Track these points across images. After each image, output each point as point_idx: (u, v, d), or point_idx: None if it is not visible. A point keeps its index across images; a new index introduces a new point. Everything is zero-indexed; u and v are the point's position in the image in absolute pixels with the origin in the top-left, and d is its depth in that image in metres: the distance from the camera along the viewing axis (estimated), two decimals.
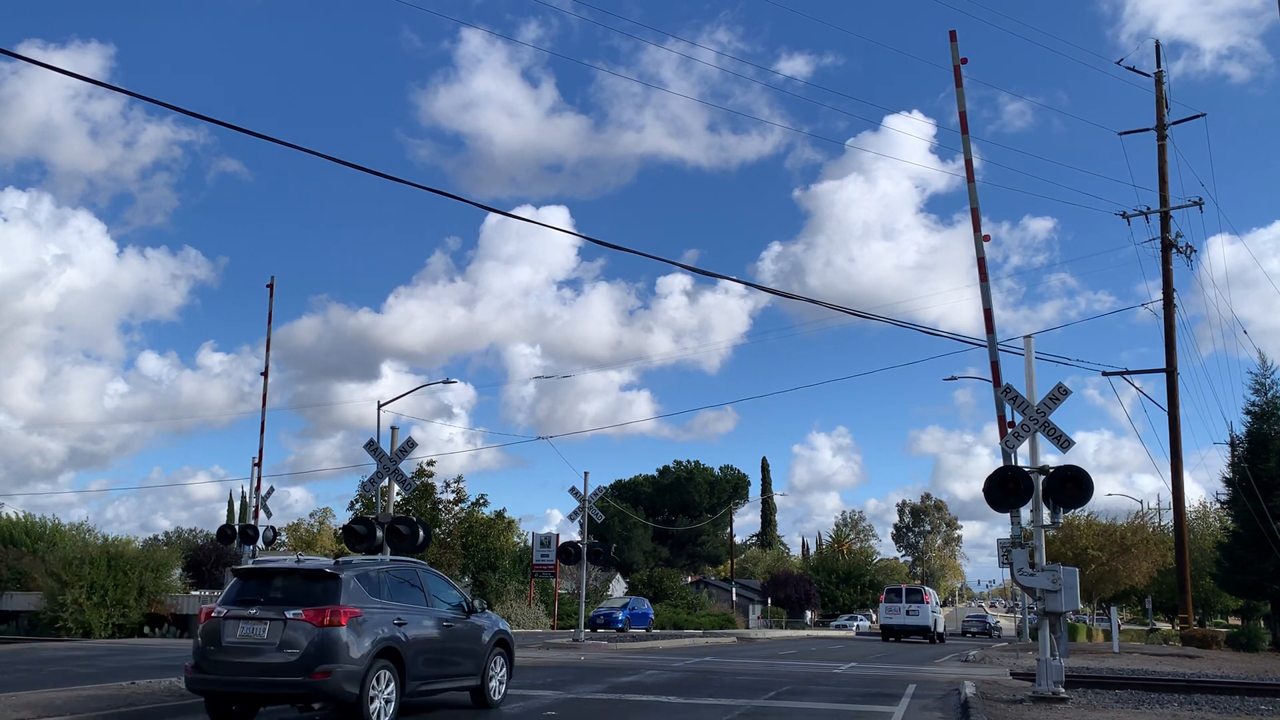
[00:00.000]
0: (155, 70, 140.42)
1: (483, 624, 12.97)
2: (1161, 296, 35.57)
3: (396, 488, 19.75)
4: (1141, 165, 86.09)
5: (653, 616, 50.46)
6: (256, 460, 33.95)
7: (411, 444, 19.37)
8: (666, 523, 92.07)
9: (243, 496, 61.87)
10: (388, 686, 10.82)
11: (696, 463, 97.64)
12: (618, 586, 75.83)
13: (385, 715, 10.74)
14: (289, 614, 10.36)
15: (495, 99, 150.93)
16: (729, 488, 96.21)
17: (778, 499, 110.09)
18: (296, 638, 10.24)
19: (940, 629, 35.68)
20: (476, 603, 13.08)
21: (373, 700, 10.53)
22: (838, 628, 68.29)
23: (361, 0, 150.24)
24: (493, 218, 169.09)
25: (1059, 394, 15.06)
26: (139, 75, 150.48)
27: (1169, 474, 35.73)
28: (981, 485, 14.92)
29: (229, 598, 10.87)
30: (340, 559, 11.81)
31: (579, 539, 31.57)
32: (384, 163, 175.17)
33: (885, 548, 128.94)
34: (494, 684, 13.10)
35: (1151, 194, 37.00)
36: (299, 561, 11.47)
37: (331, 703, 10.40)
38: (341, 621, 10.38)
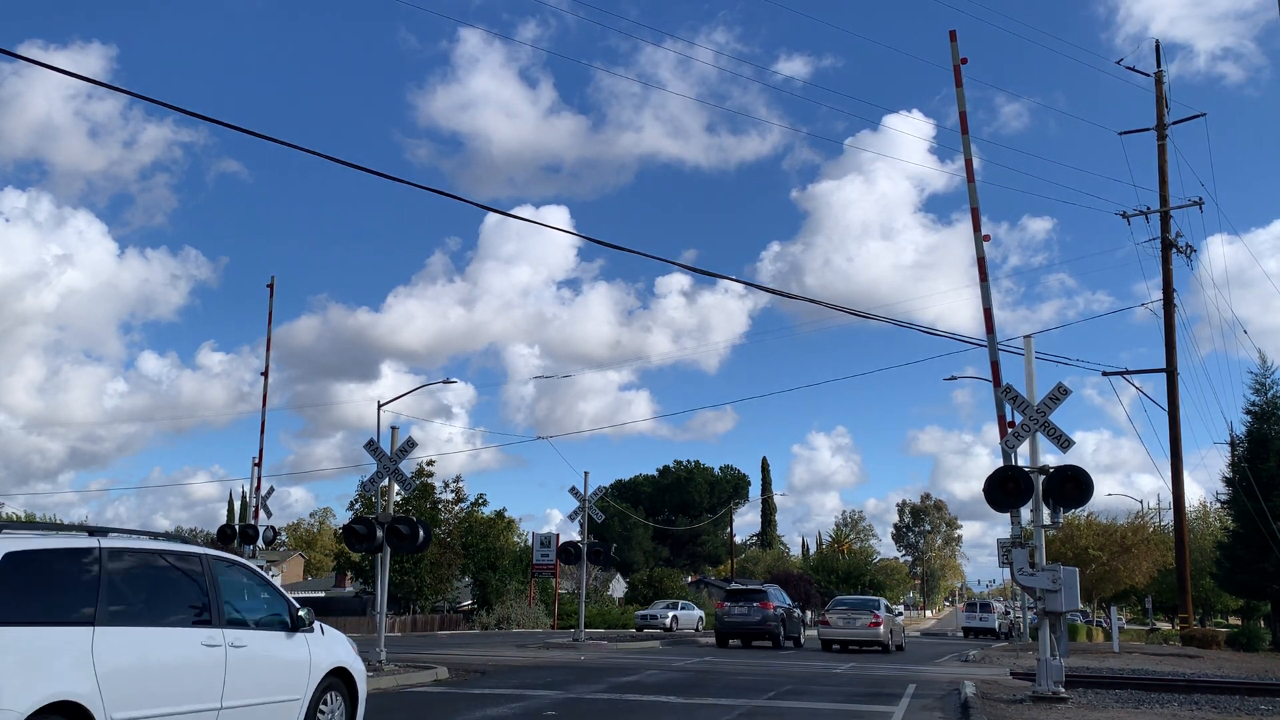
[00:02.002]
0: (155, 71, 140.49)
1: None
2: (1161, 296, 35.58)
3: (396, 488, 19.75)
4: (1141, 165, 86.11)
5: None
6: (256, 460, 34.01)
7: (411, 444, 19.37)
8: (666, 523, 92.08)
9: (243, 496, 61.95)
10: None
11: (696, 463, 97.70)
12: (618, 587, 75.87)
13: None
14: None
15: (493, 99, 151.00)
16: (729, 488, 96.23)
17: (778, 499, 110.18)
18: None
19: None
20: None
21: None
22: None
23: (358, 0, 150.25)
24: (492, 218, 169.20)
25: (1059, 394, 15.07)
26: (140, 76, 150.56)
27: (1169, 474, 35.74)
28: (981, 485, 14.93)
29: None
30: None
31: (579, 539, 31.58)
32: (382, 163, 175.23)
33: (885, 548, 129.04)
34: None
35: (1151, 194, 37.03)
36: None
37: None
38: None
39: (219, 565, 8.05)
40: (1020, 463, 15.37)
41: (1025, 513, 15.19)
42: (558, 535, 46.97)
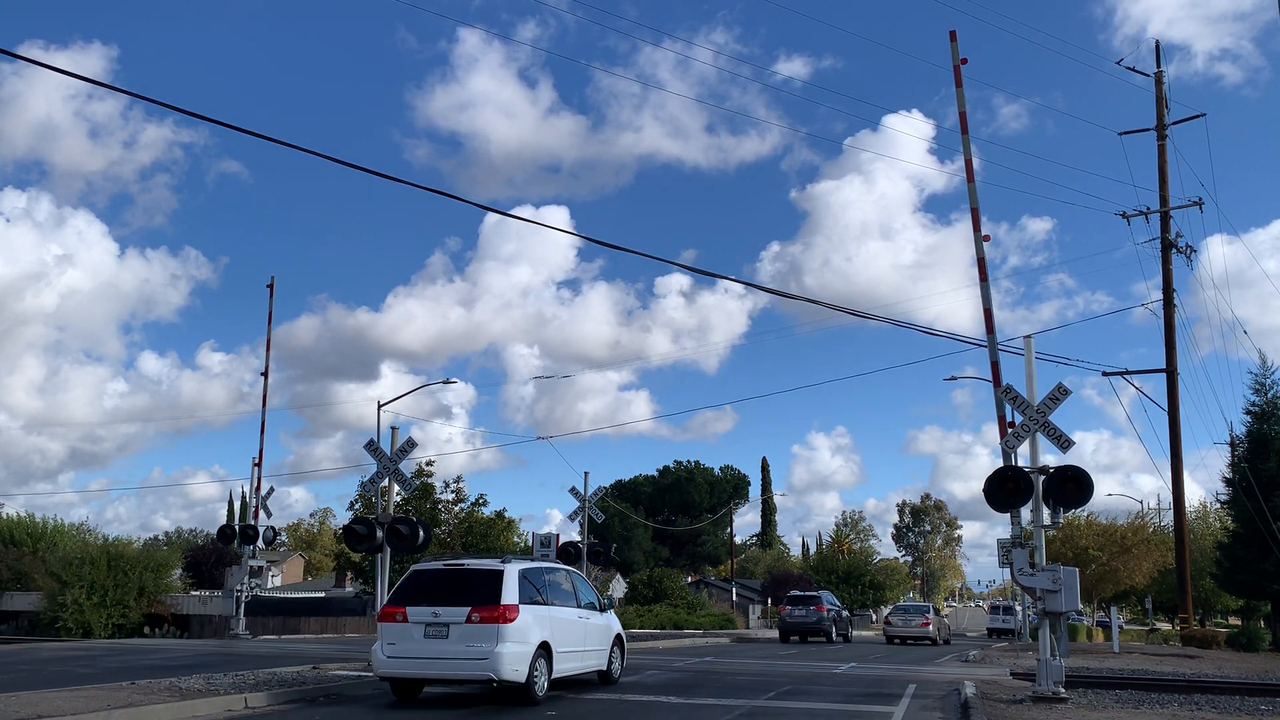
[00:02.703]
0: (156, 71, 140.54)
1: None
2: (1161, 297, 35.59)
3: (396, 488, 19.76)
4: (1141, 165, 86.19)
5: None
6: (256, 460, 34.00)
7: (411, 444, 19.37)
8: (666, 523, 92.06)
9: (243, 496, 61.90)
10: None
11: (696, 463, 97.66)
12: (618, 587, 75.80)
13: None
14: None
15: (492, 99, 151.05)
16: (729, 488, 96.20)
17: (778, 499, 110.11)
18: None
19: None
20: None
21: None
22: None
23: (357, 0, 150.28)
24: (491, 218, 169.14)
25: (1059, 394, 15.07)
26: (140, 76, 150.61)
27: (1169, 474, 35.77)
28: (981, 485, 14.94)
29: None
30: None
31: (579, 539, 31.58)
32: (381, 163, 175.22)
33: (885, 548, 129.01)
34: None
35: (1150, 194, 37.04)
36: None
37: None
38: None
39: (575, 575, 15.87)
40: (1020, 463, 15.37)
41: (1025, 513, 15.20)
42: (558, 535, 46.66)
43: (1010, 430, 15.67)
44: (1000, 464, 15.63)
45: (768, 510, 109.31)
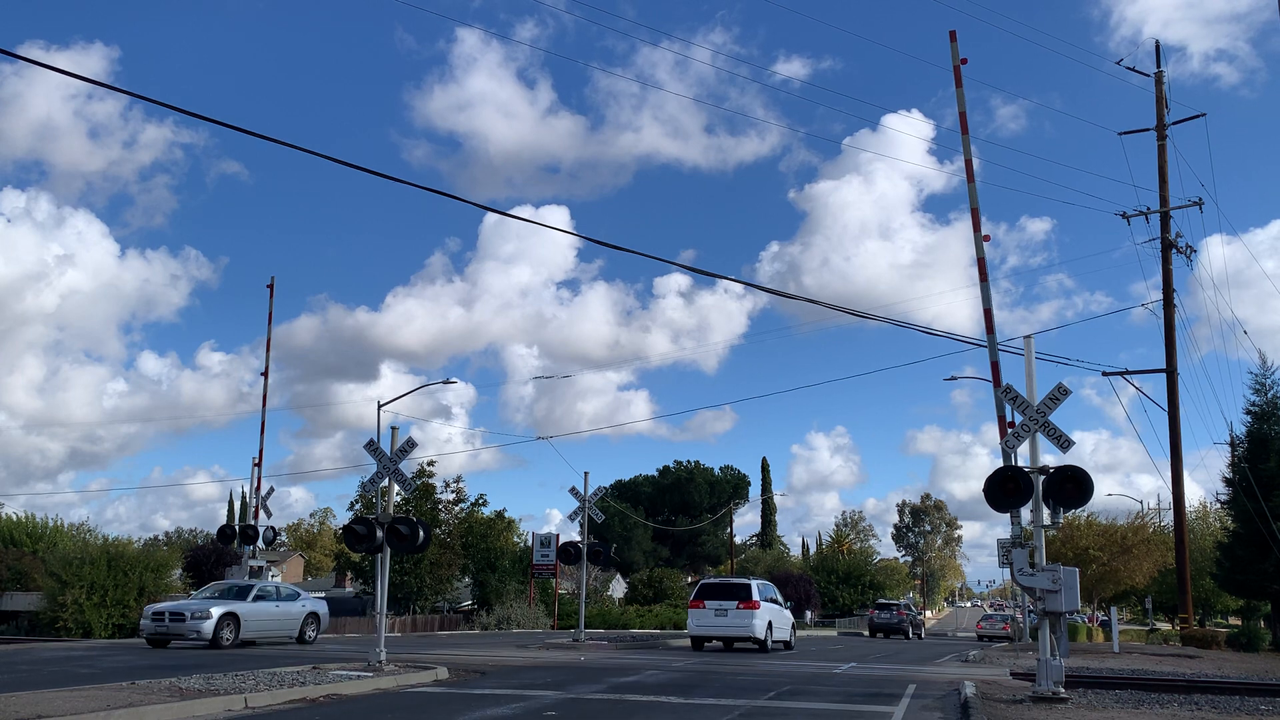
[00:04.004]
0: (156, 72, 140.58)
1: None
2: (1161, 297, 35.58)
3: (396, 488, 19.74)
4: (1140, 165, 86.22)
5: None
6: (256, 460, 34.06)
7: (411, 444, 19.36)
8: (666, 523, 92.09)
9: (243, 496, 61.89)
10: None
11: (696, 463, 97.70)
12: (618, 587, 75.86)
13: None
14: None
15: (491, 99, 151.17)
16: (729, 488, 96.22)
17: (777, 499, 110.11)
18: None
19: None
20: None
21: None
22: None
23: (355, 1, 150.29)
24: (491, 218, 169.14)
25: (1059, 394, 15.06)
26: (140, 77, 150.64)
27: (1169, 474, 35.75)
28: (981, 485, 14.93)
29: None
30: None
31: (579, 539, 31.57)
32: (380, 163, 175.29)
33: (885, 548, 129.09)
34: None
35: (1149, 194, 37.05)
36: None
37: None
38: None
39: (774, 588, 30.99)
40: (1020, 463, 15.37)
41: (1025, 513, 15.19)
42: (558, 535, 46.92)
43: (1010, 430, 15.66)
44: (1000, 464, 15.63)
45: (768, 510, 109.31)
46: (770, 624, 28.51)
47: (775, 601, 29.90)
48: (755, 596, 27.96)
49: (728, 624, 27.78)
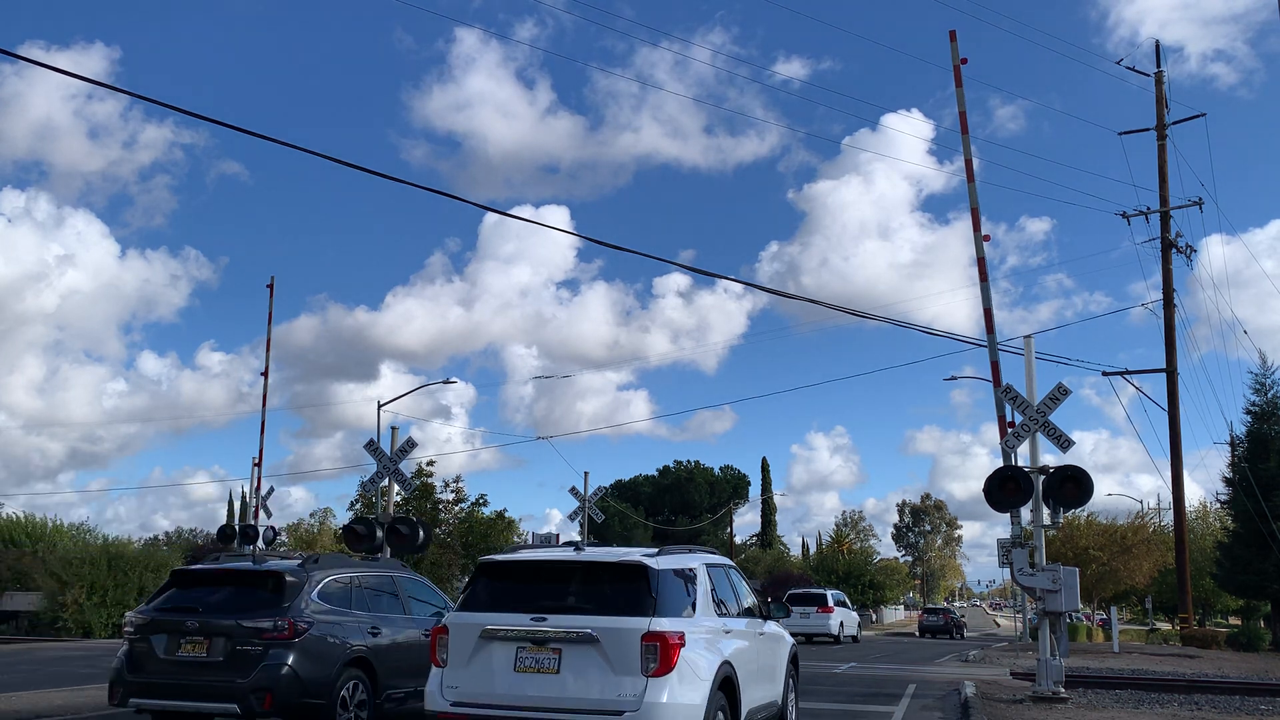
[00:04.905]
0: (156, 72, 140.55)
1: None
2: (1161, 296, 35.57)
3: (396, 488, 19.76)
4: (1139, 165, 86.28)
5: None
6: (256, 460, 33.97)
7: (411, 444, 19.37)
8: (666, 523, 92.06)
9: (243, 496, 61.84)
10: None
11: (696, 463, 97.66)
12: None
13: None
14: None
15: (490, 99, 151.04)
16: (729, 488, 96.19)
17: (777, 499, 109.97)
18: None
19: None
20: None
21: None
22: None
23: (354, 1, 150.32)
24: (491, 218, 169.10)
25: (1059, 394, 15.06)
26: (141, 77, 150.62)
27: (1168, 474, 35.75)
28: (981, 485, 14.93)
29: None
30: None
31: (579, 539, 31.58)
32: (378, 163, 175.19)
33: (885, 548, 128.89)
34: None
35: (1148, 194, 37.06)
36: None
37: None
38: None
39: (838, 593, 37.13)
40: (1020, 463, 15.37)
41: (1025, 513, 15.19)
42: (558, 535, 46.78)
43: (1010, 430, 15.66)
44: (1000, 464, 15.63)
45: (768, 510, 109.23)
46: (842, 623, 37.39)
47: (845, 605, 38.55)
48: (830, 603, 36.96)
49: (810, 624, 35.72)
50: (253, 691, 9.22)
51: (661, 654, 7.43)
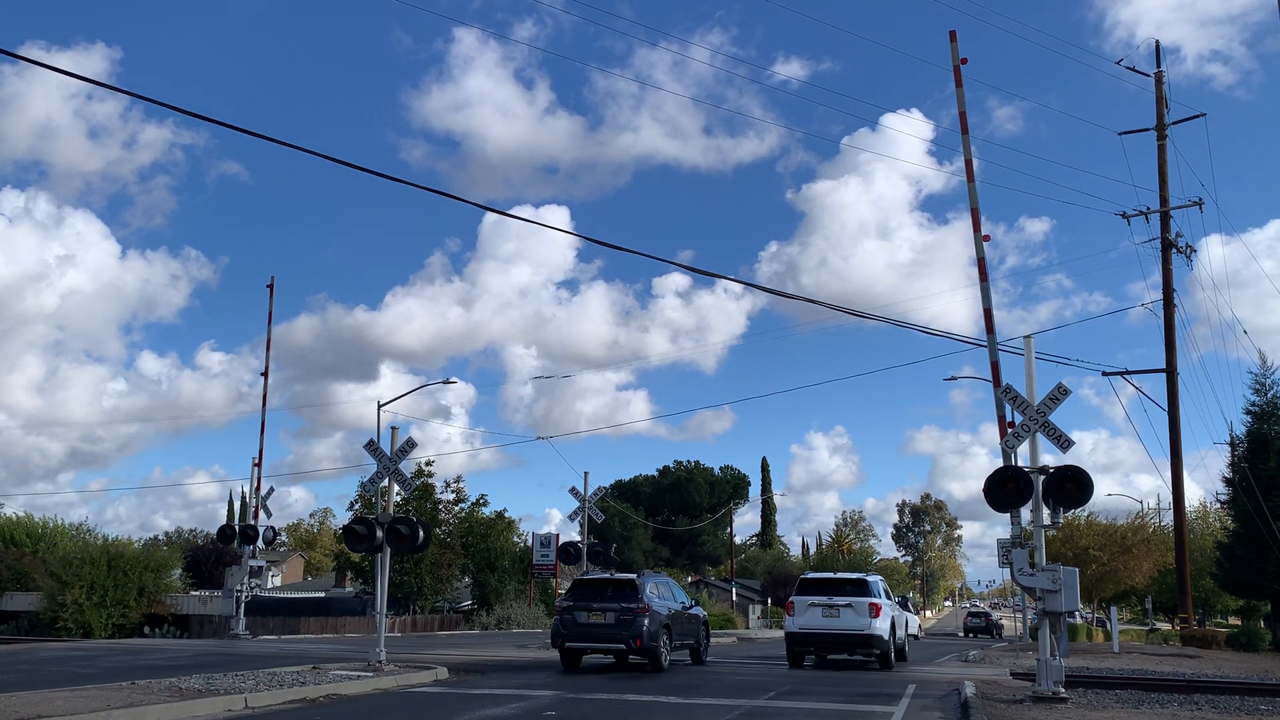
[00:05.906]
0: (157, 73, 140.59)
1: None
2: (1161, 296, 35.58)
3: (396, 488, 19.75)
4: (1139, 165, 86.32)
5: None
6: (256, 460, 34.01)
7: (411, 444, 19.36)
8: (666, 523, 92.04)
9: (243, 496, 61.83)
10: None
11: (696, 463, 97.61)
12: None
13: None
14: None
15: (489, 100, 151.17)
16: (729, 488, 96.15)
17: (777, 499, 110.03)
18: None
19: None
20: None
21: None
22: None
23: (353, 1, 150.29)
24: (490, 218, 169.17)
25: (1059, 394, 15.06)
26: (141, 77, 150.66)
27: (1168, 474, 35.75)
28: (981, 485, 14.93)
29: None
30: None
31: (579, 539, 31.56)
32: (378, 163, 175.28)
33: (885, 548, 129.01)
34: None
35: (1147, 194, 37.05)
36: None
37: None
38: None
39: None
40: (1020, 463, 15.37)
41: (1025, 513, 15.19)
42: (558, 535, 46.87)
43: (1010, 430, 15.66)
44: (1000, 464, 15.63)
45: (767, 510, 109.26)
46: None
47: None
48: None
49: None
50: (630, 638, 18.65)
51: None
